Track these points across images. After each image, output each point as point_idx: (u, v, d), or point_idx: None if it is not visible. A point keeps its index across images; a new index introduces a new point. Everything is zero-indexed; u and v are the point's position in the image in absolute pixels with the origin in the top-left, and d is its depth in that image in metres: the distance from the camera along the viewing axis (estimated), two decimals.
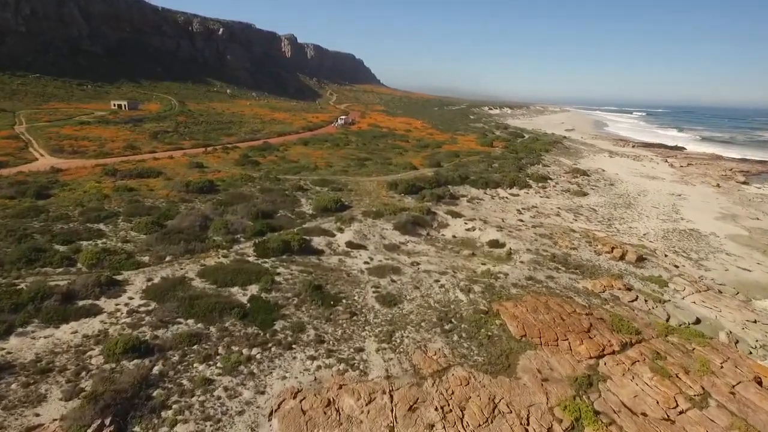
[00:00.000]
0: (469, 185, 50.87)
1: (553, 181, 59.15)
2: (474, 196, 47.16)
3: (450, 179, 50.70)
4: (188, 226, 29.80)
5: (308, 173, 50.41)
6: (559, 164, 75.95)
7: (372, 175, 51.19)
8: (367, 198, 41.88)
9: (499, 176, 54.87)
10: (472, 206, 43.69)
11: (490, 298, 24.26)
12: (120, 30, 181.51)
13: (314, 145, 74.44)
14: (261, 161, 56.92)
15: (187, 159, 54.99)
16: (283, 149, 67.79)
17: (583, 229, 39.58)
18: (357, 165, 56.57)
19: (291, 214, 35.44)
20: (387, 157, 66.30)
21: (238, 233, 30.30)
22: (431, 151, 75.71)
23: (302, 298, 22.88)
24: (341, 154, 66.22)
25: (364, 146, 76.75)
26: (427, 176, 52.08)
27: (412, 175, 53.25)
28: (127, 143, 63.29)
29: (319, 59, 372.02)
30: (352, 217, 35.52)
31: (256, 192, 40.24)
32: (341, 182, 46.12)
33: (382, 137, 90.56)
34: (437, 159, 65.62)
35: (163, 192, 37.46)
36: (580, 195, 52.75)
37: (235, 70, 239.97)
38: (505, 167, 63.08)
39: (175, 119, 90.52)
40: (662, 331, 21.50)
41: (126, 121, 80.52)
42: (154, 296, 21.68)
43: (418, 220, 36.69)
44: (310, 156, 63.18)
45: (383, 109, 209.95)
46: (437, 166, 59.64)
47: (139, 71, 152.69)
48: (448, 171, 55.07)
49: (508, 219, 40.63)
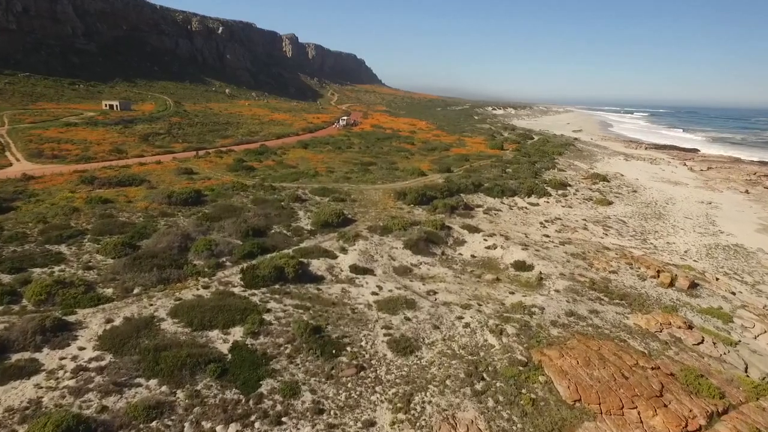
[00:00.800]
0: (483, 193, 46.39)
1: (573, 187, 54.62)
2: (490, 206, 42.67)
3: (462, 187, 46.23)
4: (165, 248, 25.38)
5: (307, 180, 46.00)
6: (575, 168, 71.42)
7: (377, 183, 46.74)
8: (373, 209, 37.43)
9: (515, 183, 50.38)
10: (490, 218, 39.21)
11: (528, 342, 19.79)
12: (117, 28, 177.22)
13: (314, 148, 70.04)
14: (256, 166, 52.52)
15: (176, 164, 50.62)
16: (281, 153, 63.39)
17: (617, 246, 35.07)
18: (360, 170, 52.15)
19: (287, 231, 31.00)
20: (392, 161, 61.84)
21: (224, 255, 25.88)
22: (439, 155, 71.23)
23: (297, 344, 18.47)
24: (343, 158, 61.80)
25: (367, 149, 72.34)
26: (438, 184, 47.63)
27: (421, 182, 48.80)
28: (113, 147, 58.95)
29: (321, 59, 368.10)
30: (356, 233, 31.07)
31: (249, 203, 35.81)
32: (343, 191, 41.68)
33: (386, 139, 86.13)
34: (446, 163, 61.16)
35: (142, 204, 33.05)
36: (605, 204, 48.24)
37: (235, 69, 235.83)
38: (519, 173, 58.56)
39: (168, 120, 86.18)
40: (751, 392, 17.04)
41: (116, 123, 76.19)
42: (111, 345, 17.29)
43: (432, 236, 32.24)
44: (309, 160, 58.76)
45: (386, 110, 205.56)
46: (447, 172, 55.17)
47: (135, 70, 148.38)
48: (459, 177, 50.60)
49: (532, 234, 36.14)
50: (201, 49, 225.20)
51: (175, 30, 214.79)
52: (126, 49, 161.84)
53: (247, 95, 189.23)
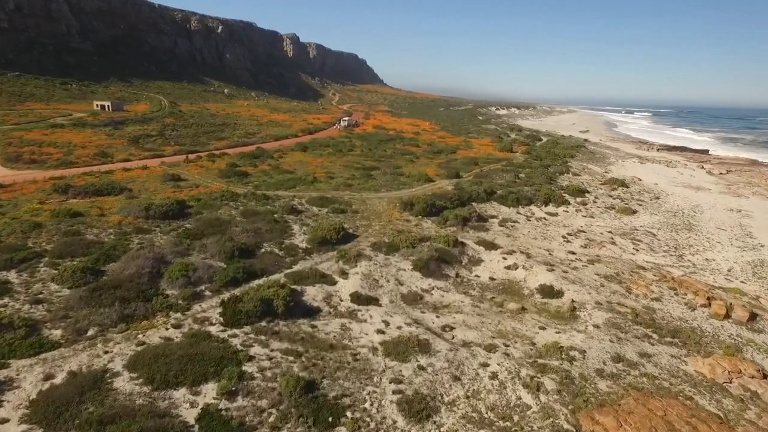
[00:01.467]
0: (497, 202, 42.48)
1: (592, 194, 50.66)
2: (506, 216, 38.73)
3: (474, 195, 42.31)
4: (133, 274, 21.55)
5: (305, 188, 42.13)
6: (590, 173, 67.44)
7: (381, 191, 42.84)
8: (377, 222, 33.54)
9: (530, 190, 46.43)
10: (507, 231, 35.28)
11: (572, 402, 15.89)
12: (114, 27, 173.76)
13: (314, 150, 66.19)
14: (250, 172, 48.70)
15: (164, 170, 46.84)
16: (279, 156, 59.56)
17: (651, 264, 31.13)
18: (363, 176, 48.27)
19: (279, 250, 27.14)
20: (397, 165, 57.95)
21: (203, 283, 22.04)
22: (446, 158, 67.31)
23: (284, 409, 14.63)
24: (344, 162, 57.93)
25: (370, 152, 68.47)
26: (447, 191, 43.74)
27: (429, 189, 44.89)
28: (98, 150, 55.18)
29: (322, 59, 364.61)
30: (358, 252, 27.19)
31: (237, 216, 31.95)
32: (344, 201, 37.80)
33: (390, 141, 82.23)
34: (454, 168, 57.24)
35: (116, 218, 29.20)
36: (629, 213, 44.28)
37: (235, 69, 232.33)
38: (533, 178, 54.61)
39: (162, 121, 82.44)
40: None
41: (106, 124, 72.47)
42: (43, 416, 13.46)
43: (444, 254, 28.36)
44: (308, 165, 54.90)
45: (388, 110, 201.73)
46: (456, 177, 51.26)
47: (132, 70, 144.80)
48: (469, 184, 46.67)
49: (555, 250, 32.22)
50: (200, 49, 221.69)
51: (174, 29, 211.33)
52: (123, 49, 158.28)
53: (246, 95, 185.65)
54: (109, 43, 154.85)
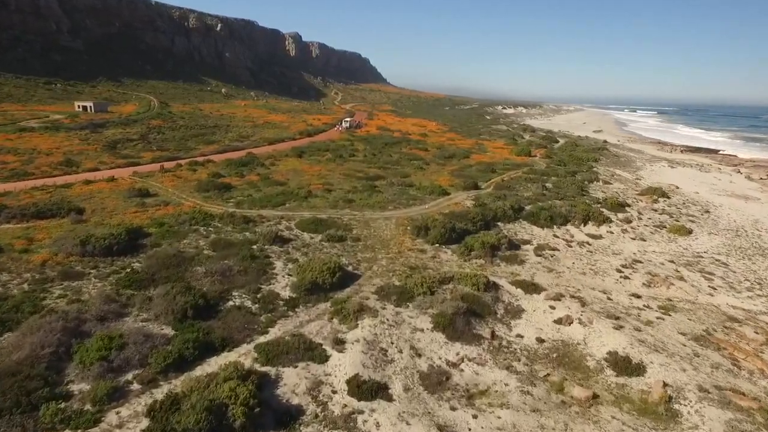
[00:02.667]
0: (527, 221, 35.33)
1: (633, 208, 43.41)
2: (542, 241, 31.58)
3: (500, 213, 35.17)
4: (27, 358, 14.63)
5: (296, 205, 35.13)
6: (621, 180, 60.13)
7: (388, 208, 35.75)
8: (384, 253, 26.49)
9: (564, 206, 39.25)
10: (547, 263, 28.14)
11: None
12: (108, 24, 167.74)
13: (311, 156, 59.19)
14: (236, 183, 41.79)
15: (133, 182, 40.04)
16: (270, 163, 52.61)
17: (741, 311, 23.92)
18: (366, 188, 41.23)
19: (252, 302, 20.13)
20: (404, 173, 50.85)
21: (131, 368, 15.09)
22: (459, 164, 60.16)
23: None
24: (345, 170, 50.91)
25: (373, 157, 61.41)
26: (467, 209, 36.64)
27: (444, 205, 37.78)
28: (65, 157, 48.50)
29: (325, 58, 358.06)
30: (360, 304, 20.13)
31: (206, 248, 24.98)
32: (343, 223, 30.77)
33: (395, 144, 75.15)
34: (470, 176, 50.11)
35: (41, 256, 22.27)
36: (683, 233, 37.02)
37: (235, 68, 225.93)
38: (563, 188, 47.41)
39: (147, 124, 75.73)
40: None
41: (83, 127, 65.82)
42: None
43: (473, 303, 21.31)
44: (303, 174, 47.92)
45: (391, 109, 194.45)
46: (474, 189, 44.10)
47: (125, 69, 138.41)
48: (492, 199, 39.49)
49: (613, 291, 25.09)
50: (198, 47, 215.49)
51: (171, 27, 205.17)
52: (116, 47, 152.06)
53: (245, 95, 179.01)
54: (102, 42, 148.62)
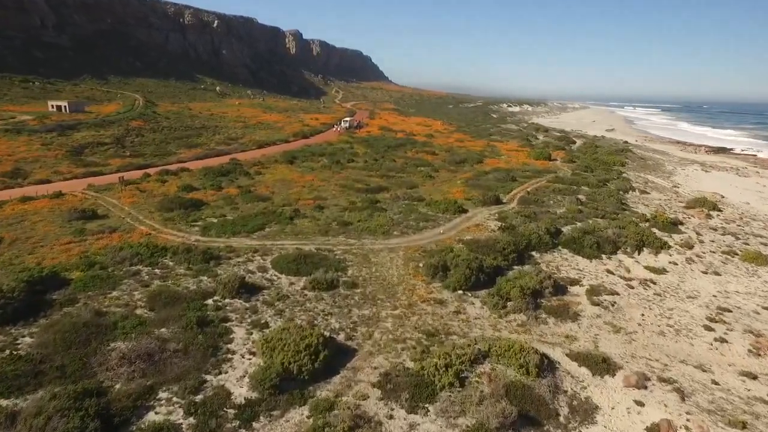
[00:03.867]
0: (568, 249, 28.09)
1: (688, 227, 36.08)
2: (594, 281, 24.30)
3: (533, 238, 27.92)
4: None
5: (278, 229, 27.96)
6: (658, 188, 52.79)
7: (393, 233, 28.50)
8: (389, 311, 19.26)
9: (608, 226, 31.92)
10: (609, 316, 20.88)
11: None
12: (99, 20, 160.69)
13: (304, 162, 51.99)
14: (209, 199, 34.67)
15: (82, 198, 32.98)
16: (256, 172, 45.49)
17: None
18: (365, 204, 34.05)
19: (186, 413, 12.91)
20: (411, 184, 43.66)
21: None
22: (472, 170, 52.89)
23: None
24: (342, 180, 43.76)
25: (375, 163, 54.22)
26: (491, 233, 29.41)
27: (463, 227, 30.52)
28: (14, 166, 41.59)
29: (326, 56, 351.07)
30: (353, 414, 12.94)
31: (140, 305, 17.83)
32: (335, 259, 23.59)
33: (399, 147, 67.93)
34: (487, 185, 42.89)
35: None
36: (763, 263, 29.65)
37: (233, 66, 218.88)
38: (598, 201, 40.13)
39: (126, 125, 68.71)
40: None
41: (50, 129, 58.82)
42: None
43: (524, 402, 14.19)
44: (292, 185, 40.79)
45: (394, 108, 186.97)
46: (496, 204, 36.81)
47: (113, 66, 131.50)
48: (521, 219, 32.17)
49: (712, 363, 17.88)
50: (194, 44, 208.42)
51: (165, 23, 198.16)
52: (105, 44, 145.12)
53: (241, 93, 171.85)
54: (91, 38, 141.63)
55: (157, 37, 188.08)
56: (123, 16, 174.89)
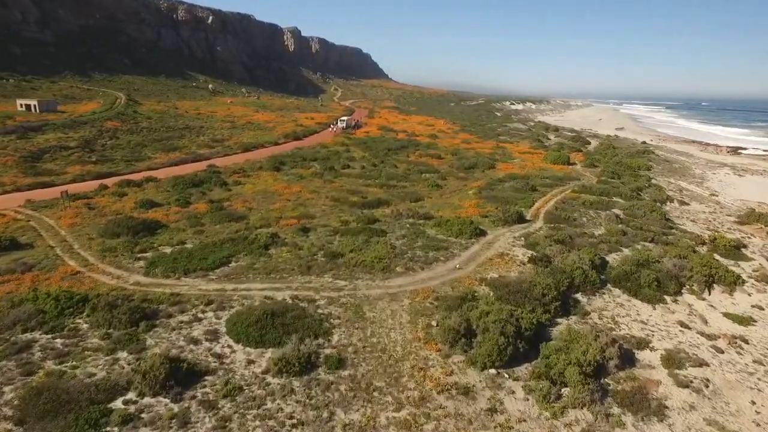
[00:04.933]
0: (621, 290, 21.75)
1: (753, 250, 29.69)
2: (670, 344, 17.91)
3: (576, 275, 21.55)
4: None
5: (247, 264, 21.62)
6: (695, 197, 46.44)
7: (395, 269, 22.10)
8: (389, 410, 12.93)
9: (663, 254, 25.58)
10: (707, 409, 14.57)
11: None
12: (86, 16, 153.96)
13: (293, 169, 45.63)
14: (170, 219, 28.34)
15: (11, 218, 26.67)
16: (235, 181, 39.16)
17: None
18: (361, 228, 27.67)
19: None
20: (416, 195, 37.30)
21: None
22: (484, 177, 46.50)
23: None
24: (334, 191, 37.43)
25: (374, 169, 47.86)
26: (519, 265, 23.06)
27: (484, 258, 24.11)
28: None
29: (325, 54, 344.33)
30: None
31: (6, 413, 11.52)
32: (317, 315, 17.23)
33: (401, 149, 61.55)
34: (504, 197, 36.54)
35: None
36: None
37: (228, 63, 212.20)
38: (639, 217, 33.75)
39: (100, 126, 62.38)
40: None
41: (9, 131, 52.47)
42: None
43: None
44: (275, 198, 34.42)
45: (394, 106, 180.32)
46: (519, 222, 30.42)
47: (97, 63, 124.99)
48: (553, 245, 25.75)
49: None
50: (188, 41, 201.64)
51: (158, 19, 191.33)
52: (92, 40, 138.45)
53: (235, 91, 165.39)
54: (76, 34, 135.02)
55: (149, 33, 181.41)
56: (113, 11, 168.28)
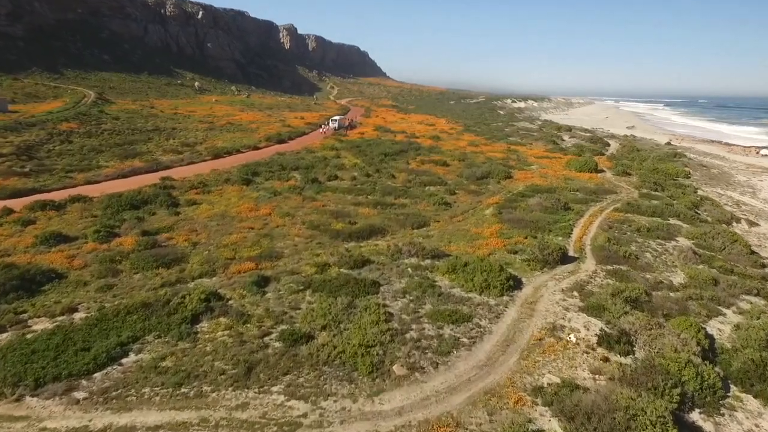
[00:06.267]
0: (753, 395, 13.45)
1: None
2: None
3: (687, 379, 13.27)
4: None
5: (147, 366, 13.31)
6: (758, 213, 38.23)
7: (389, 374, 13.81)
8: None
9: None
10: None
11: None
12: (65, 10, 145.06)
13: (267, 181, 37.20)
14: (72, 266, 20.00)
15: None
16: (188, 201, 30.70)
17: None
18: (343, 279, 19.31)
19: None
20: (419, 219, 28.89)
21: None
22: (500, 190, 38.17)
23: None
24: (314, 214, 29.05)
25: (367, 180, 39.49)
26: (586, 354, 14.75)
27: (527, 337, 15.79)
28: None
29: (322, 51, 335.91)
30: None
31: None
32: None
33: (400, 154, 53.19)
34: (535, 222, 28.23)
35: None
36: None
37: (219, 60, 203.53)
38: (717, 249, 25.49)
39: (52, 128, 53.95)
40: None
41: None
42: None
43: None
44: (233, 226, 26.01)
45: (392, 104, 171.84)
46: (561, 261, 22.07)
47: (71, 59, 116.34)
48: (618, 300, 17.48)
49: None
50: (176, 37, 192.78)
51: (144, 14, 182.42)
52: (68, 35, 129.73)
53: (225, 89, 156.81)
54: (51, 29, 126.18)
55: (135, 28, 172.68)
56: (97, 6, 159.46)
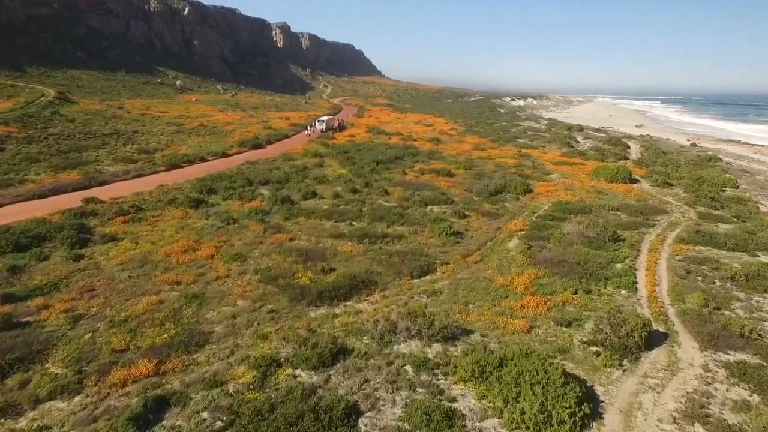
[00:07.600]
0: None
1: None
2: None
3: None
4: None
5: None
6: None
7: None
8: None
9: None
10: None
11: None
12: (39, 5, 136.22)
13: (224, 201, 29.02)
14: None
15: None
16: (107, 236, 22.52)
17: None
18: (293, 408, 11.30)
19: None
20: (419, 262, 20.81)
21: None
22: (522, 210, 30.18)
23: None
24: (274, 256, 20.97)
25: (353, 198, 31.37)
26: None
27: None
28: None
29: (316, 50, 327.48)
30: None
31: None
32: None
33: (394, 161, 45.18)
34: (583, 265, 20.30)
35: None
36: None
37: (206, 58, 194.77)
38: None
39: None
40: None
41: None
42: None
43: None
44: (149, 282, 17.91)
45: (388, 103, 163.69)
46: (643, 346, 14.14)
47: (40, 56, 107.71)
48: None
49: None
50: (161, 34, 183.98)
51: (126, 10, 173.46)
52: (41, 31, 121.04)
53: (209, 88, 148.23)
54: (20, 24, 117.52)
55: (116, 25, 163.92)
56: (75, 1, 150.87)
